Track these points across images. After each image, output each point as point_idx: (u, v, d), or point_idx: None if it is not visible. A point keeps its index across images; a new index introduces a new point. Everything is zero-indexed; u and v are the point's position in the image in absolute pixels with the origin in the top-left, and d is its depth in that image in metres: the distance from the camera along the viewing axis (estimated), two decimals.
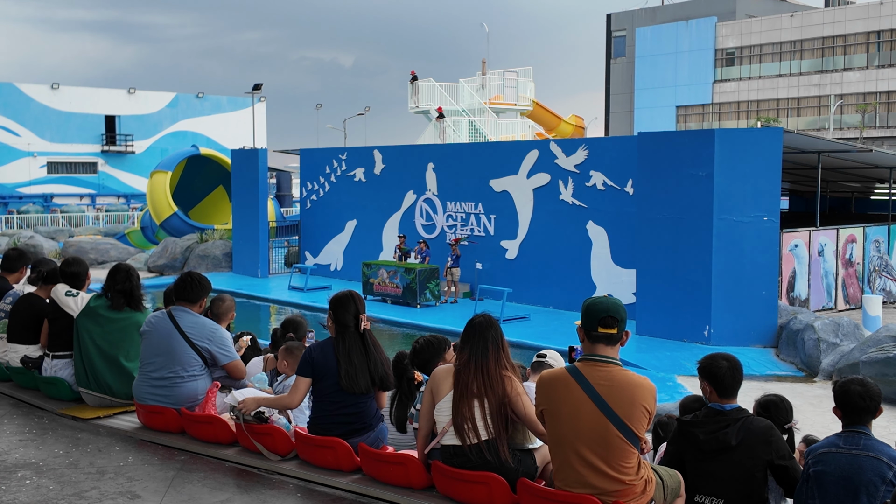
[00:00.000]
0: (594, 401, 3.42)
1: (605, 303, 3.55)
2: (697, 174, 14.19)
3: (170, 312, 5.22)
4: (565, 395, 3.49)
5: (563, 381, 3.52)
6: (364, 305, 4.67)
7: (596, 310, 3.52)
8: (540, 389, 3.62)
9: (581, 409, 3.44)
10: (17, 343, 6.37)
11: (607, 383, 3.45)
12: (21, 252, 7.13)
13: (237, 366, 5.26)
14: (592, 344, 3.53)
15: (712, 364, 3.89)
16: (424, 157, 20.86)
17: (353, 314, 4.59)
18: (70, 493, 4.30)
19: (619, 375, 3.47)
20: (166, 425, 5.17)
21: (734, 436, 3.73)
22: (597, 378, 3.46)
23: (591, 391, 3.43)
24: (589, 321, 3.53)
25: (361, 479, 4.31)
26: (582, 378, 3.47)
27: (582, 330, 3.56)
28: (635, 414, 3.42)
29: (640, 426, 3.44)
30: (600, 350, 3.51)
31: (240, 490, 4.34)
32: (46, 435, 5.32)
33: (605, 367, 3.49)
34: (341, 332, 4.61)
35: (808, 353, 12.70)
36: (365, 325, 4.59)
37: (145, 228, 29.89)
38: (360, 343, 4.59)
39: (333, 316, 4.62)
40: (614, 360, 3.51)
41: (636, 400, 3.43)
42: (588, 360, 3.53)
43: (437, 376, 4.06)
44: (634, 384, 3.46)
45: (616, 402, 3.42)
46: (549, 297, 17.75)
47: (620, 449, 3.42)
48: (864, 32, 48.82)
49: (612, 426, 3.40)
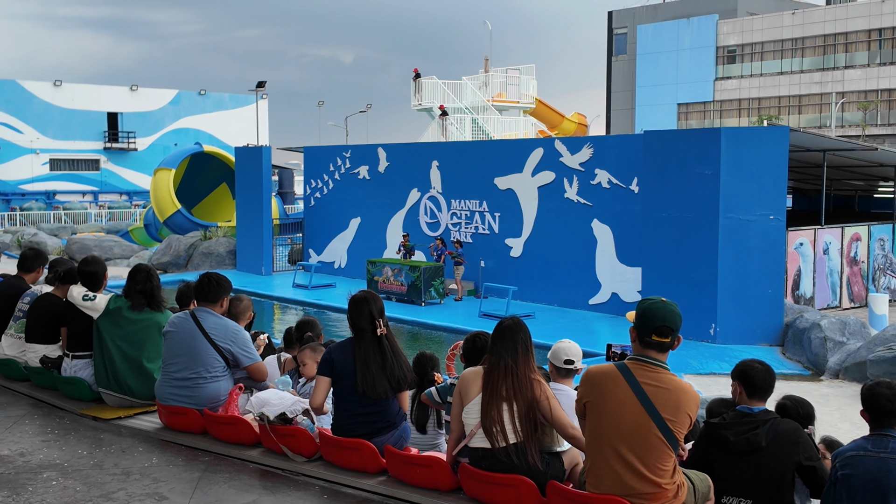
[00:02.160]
0: (640, 399, 3.46)
1: (662, 311, 3.55)
2: (703, 172, 14.21)
3: (193, 313, 5.24)
4: (612, 390, 3.52)
5: (611, 377, 3.55)
6: (382, 308, 4.61)
7: (653, 317, 3.53)
8: (586, 382, 3.63)
9: (626, 406, 3.48)
10: (36, 343, 6.39)
11: (655, 384, 3.49)
12: (38, 251, 7.15)
13: (259, 367, 5.28)
14: (644, 347, 3.57)
15: (746, 366, 3.97)
16: (429, 155, 20.86)
17: (367, 318, 4.53)
18: (97, 495, 4.33)
19: (667, 379, 3.52)
20: (188, 426, 5.19)
21: (764, 437, 3.77)
22: (645, 378, 3.50)
23: (639, 390, 3.46)
24: (644, 327, 3.55)
25: (387, 481, 4.34)
26: (630, 376, 3.51)
27: (635, 331, 3.59)
28: (679, 418, 3.46)
29: (681, 431, 3.47)
30: (652, 354, 3.56)
31: (266, 491, 4.37)
32: (69, 435, 5.34)
33: (655, 370, 3.53)
34: (358, 336, 4.57)
35: (814, 351, 12.73)
36: (382, 330, 4.53)
37: (149, 226, 29.90)
38: (378, 347, 4.52)
39: (348, 319, 4.60)
40: (664, 365, 3.55)
41: (681, 405, 3.48)
42: (638, 360, 3.56)
43: (465, 379, 4.07)
44: (681, 389, 3.51)
45: (662, 403, 3.46)
46: (553, 295, 17.77)
47: (659, 450, 3.45)
48: (865, 30, 48.82)
49: (654, 426, 3.43)
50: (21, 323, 6.58)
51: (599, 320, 16.28)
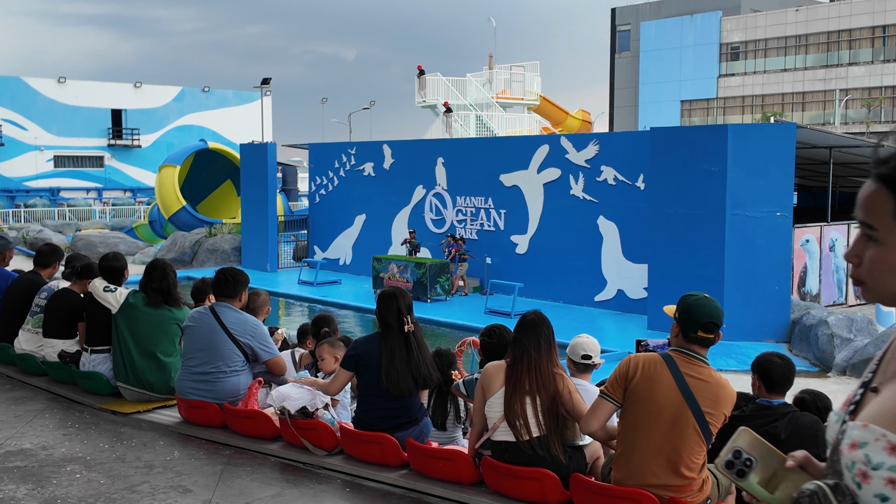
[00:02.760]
0: (681, 390, 3.49)
1: (708, 308, 3.57)
2: (710, 169, 14.23)
3: (213, 308, 5.29)
4: (655, 377, 3.55)
5: (654, 364, 3.58)
6: (411, 304, 4.65)
7: (699, 314, 3.55)
8: (633, 365, 3.64)
9: (666, 394, 3.52)
10: (53, 338, 6.44)
11: (697, 377, 3.53)
12: (54, 247, 7.20)
13: (278, 362, 5.34)
14: (688, 342, 3.60)
15: (765, 359, 4.00)
16: (434, 152, 20.89)
17: (395, 313, 4.57)
18: (121, 487, 4.37)
19: (708, 373, 3.57)
20: (208, 420, 5.24)
21: (783, 430, 3.81)
22: (688, 370, 3.55)
23: (681, 380, 3.50)
24: (690, 323, 3.57)
25: (409, 474, 4.38)
26: (674, 365, 3.55)
27: (678, 326, 3.61)
28: (716, 412, 3.51)
29: (715, 426, 3.52)
30: (695, 349, 3.60)
31: (288, 484, 4.42)
32: (89, 429, 5.39)
33: (697, 363, 3.57)
34: (385, 332, 4.61)
35: (821, 348, 12.76)
36: (409, 327, 4.56)
37: (153, 222, 29.96)
38: (404, 344, 4.55)
39: (376, 313, 4.65)
40: (705, 360, 3.60)
41: (720, 400, 3.53)
42: (681, 352, 3.60)
43: (488, 372, 4.10)
44: (721, 385, 3.56)
45: (702, 396, 3.50)
46: (559, 292, 17.80)
47: (694, 442, 3.50)
48: (869, 27, 48.75)
49: (692, 418, 3.47)
50: (38, 318, 6.63)
51: (605, 317, 16.31)
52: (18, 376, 6.70)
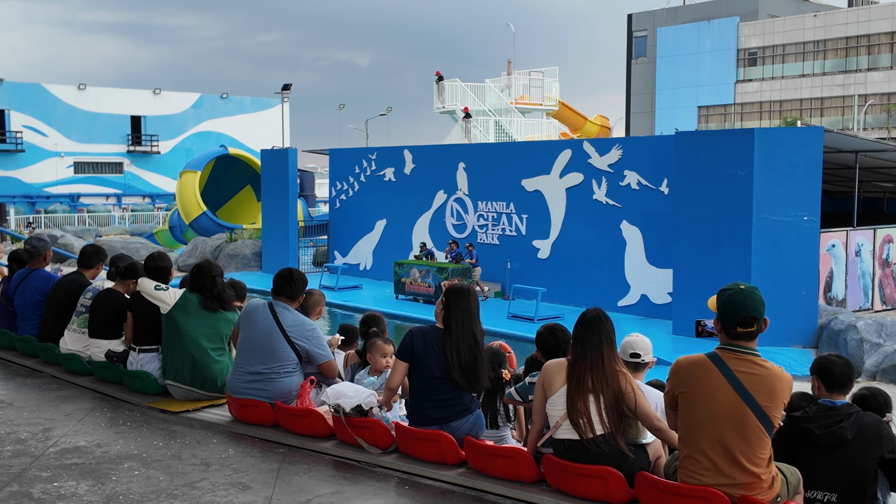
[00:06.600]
0: (735, 388, 3.46)
1: (743, 302, 3.52)
2: (736, 173, 14.19)
3: (272, 307, 5.33)
4: (705, 379, 3.52)
5: (703, 366, 3.56)
6: (477, 302, 4.74)
7: (735, 310, 3.52)
8: (677, 373, 3.64)
9: (720, 394, 3.48)
10: (99, 338, 6.50)
11: (748, 371, 3.49)
12: (98, 248, 7.28)
13: (331, 365, 5.39)
14: (731, 339, 3.57)
15: (825, 360, 3.99)
16: (455, 157, 20.93)
17: (465, 308, 4.67)
18: (181, 484, 4.41)
19: (759, 365, 3.52)
20: (259, 419, 5.27)
21: (849, 430, 3.79)
22: (737, 366, 3.50)
23: (732, 378, 3.47)
24: (728, 321, 3.54)
25: (467, 472, 4.38)
26: (723, 364, 3.51)
27: (719, 323, 3.61)
28: (775, 403, 3.47)
29: (776, 416, 3.49)
30: (740, 343, 3.56)
31: (346, 482, 4.44)
32: (141, 427, 5.43)
33: (746, 357, 3.53)
34: (447, 329, 4.65)
35: (850, 353, 12.68)
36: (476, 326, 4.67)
37: (174, 228, 30.15)
38: (473, 339, 4.66)
39: (445, 305, 4.68)
40: (754, 352, 3.55)
41: (776, 390, 3.48)
42: (727, 349, 3.57)
43: (548, 370, 4.11)
44: (775, 374, 3.51)
45: (757, 390, 3.46)
46: (582, 297, 17.76)
47: (757, 438, 3.47)
48: (888, 32, 48.47)
49: (751, 413, 3.44)
50: (84, 318, 6.69)
51: (629, 322, 16.26)
52: (64, 376, 6.76)
